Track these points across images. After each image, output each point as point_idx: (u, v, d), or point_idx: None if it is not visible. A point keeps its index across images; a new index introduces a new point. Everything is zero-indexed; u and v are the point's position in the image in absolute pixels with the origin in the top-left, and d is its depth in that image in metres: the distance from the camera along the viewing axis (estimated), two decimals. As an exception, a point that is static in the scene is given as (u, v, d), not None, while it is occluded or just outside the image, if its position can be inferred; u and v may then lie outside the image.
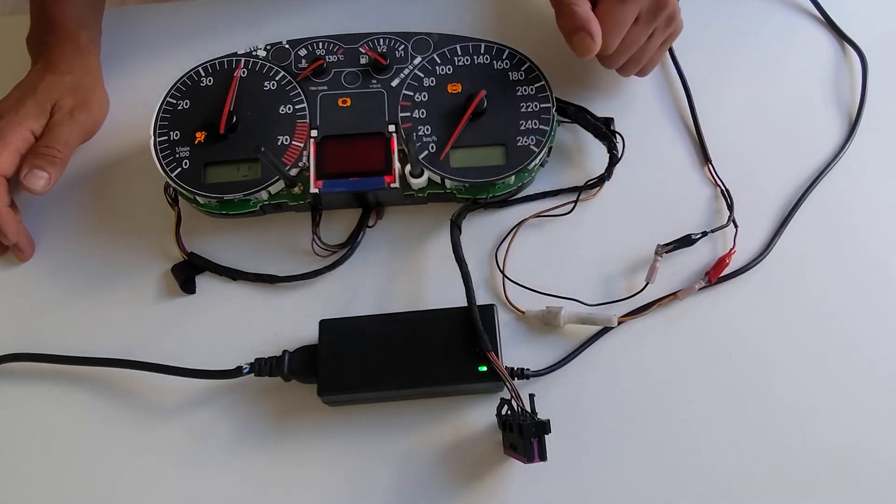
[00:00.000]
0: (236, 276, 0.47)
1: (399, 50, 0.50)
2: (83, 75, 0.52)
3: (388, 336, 0.42)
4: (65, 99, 0.50)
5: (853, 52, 0.53)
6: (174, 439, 0.43)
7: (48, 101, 0.49)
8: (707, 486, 0.41)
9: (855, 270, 0.46)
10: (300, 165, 0.47)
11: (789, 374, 0.43)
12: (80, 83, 0.51)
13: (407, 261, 0.48)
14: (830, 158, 0.49)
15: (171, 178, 0.46)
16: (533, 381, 0.43)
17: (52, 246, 0.49)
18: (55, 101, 0.49)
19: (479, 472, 0.41)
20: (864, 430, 0.42)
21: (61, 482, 0.43)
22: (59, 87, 0.50)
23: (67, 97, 0.50)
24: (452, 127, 0.47)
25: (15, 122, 0.48)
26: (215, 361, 0.43)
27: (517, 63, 0.49)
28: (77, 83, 0.51)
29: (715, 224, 0.47)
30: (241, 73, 0.49)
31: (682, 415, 0.43)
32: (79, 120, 0.50)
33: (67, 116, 0.49)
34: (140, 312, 0.47)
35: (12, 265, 0.49)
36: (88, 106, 0.51)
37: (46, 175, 0.47)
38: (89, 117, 0.51)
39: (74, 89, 0.50)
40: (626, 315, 0.45)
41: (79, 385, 0.45)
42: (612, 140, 0.48)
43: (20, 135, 0.48)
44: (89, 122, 0.51)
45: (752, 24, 0.55)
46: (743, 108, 0.52)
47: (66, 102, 0.50)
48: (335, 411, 0.43)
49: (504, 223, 0.48)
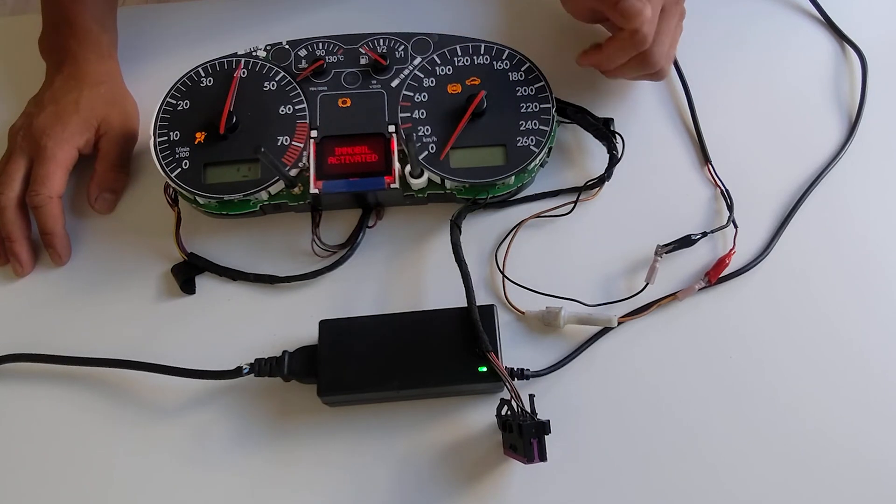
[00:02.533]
0: (236, 276, 0.47)
1: (399, 50, 0.50)
2: (113, 84, 0.52)
3: (388, 336, 0.42)
4: (111, 115, 0.50)
5: (853, 53, 0.53)
6: (174, 439, 0.43)
7: (93, 118, 0.49)
8: (707, 486, 0.41)
9: (855, 271, 0.46)
10: (300, 166, 0.47)
11: (789, 374, 0.43)
12: (114, 94, 0.52)
13: (407, 261, 0.48)
14: (830, 158, 0.49)
15: (171, 179, 0.46)
16: (533, 381, 0.43)
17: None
18: (101, 118, 0.50)
19: (479, 473, 0.42)
20: (865, 430, 0.42)
21: (61, 482, 0.43)
22: (99, 101, 0.50)
23: (112, 113, 0.50)
24: (452, 127, 0.47)
25: (63, 141, 0.48)
26: (215, 361, 0.43)
27: (517, 63, 0.49)
28: (112, 94, 0.51)
29: (715, 224, 0.47)
30: (241, 74, 0.49)
31: (681, 415, 0.43)
32: (128, 134, 0.51)
33: (119, 133, 0.50)
34: (140, 312, 0.47)
35: (12, 265, 0.49)
36: (130, 117, 0.52)
37: (115, 198, 0.50)
38: (135, 128, 0.52)
39: (113, 101, 0.51)
40: (625, 315, 0.45)
41: (79, 385, 0.45)
42: (612, 140, 0.48)
43: (69, 154, 0.48)
44: (135, 132, 0.52)
45: (751, 24, 0.55)
46: (743, 109, 0.52)
47: (113, 119, 0.50)
48: (335, 411, 0.43)
49: (504, 223, 0.48)
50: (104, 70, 0.52)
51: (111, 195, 0.50)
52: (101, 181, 0.49)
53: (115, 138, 0.50)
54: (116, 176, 0.50)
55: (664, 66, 0.47)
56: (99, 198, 0.49)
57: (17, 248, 0.47)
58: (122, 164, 0.50)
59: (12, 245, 0.47)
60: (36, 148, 0.48)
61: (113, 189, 0.50)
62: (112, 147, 0.50)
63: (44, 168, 0.47)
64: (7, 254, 0.48)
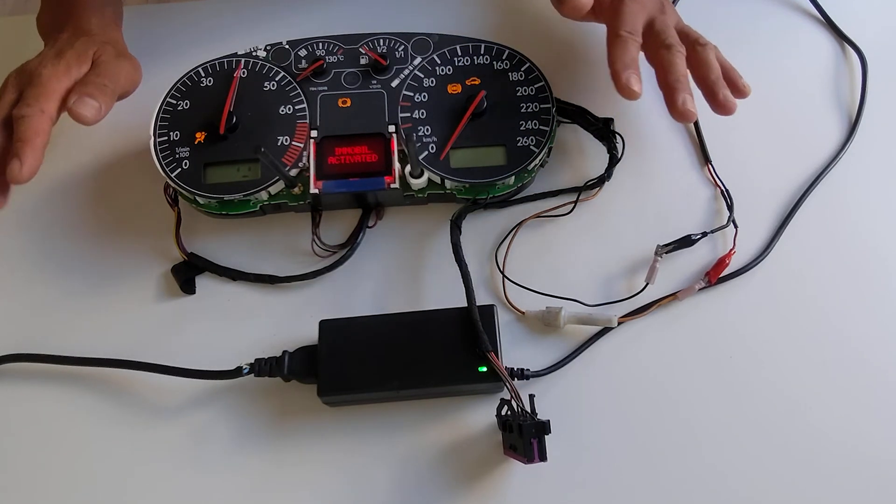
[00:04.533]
0: (236, 276, 0.47)
1: (399, 50, 0.50)
2: (115, 42, 0.50)
3: (388, 336, 0.42)
4: (106, 49, 0.47)
5: (853, 52, 0.53)
6: (174, 440, 0.43)
7: (89, 50, 0.46)
8: (707, 486, 0.41)
9: (855, 271, 0.46)
10: (300, 166, 0.47)
11: (789, 374, 0.43)
12: (115, 44, 0.49)
13: (407, 261, 0.48)
14: (830, 158, 0.49)
15: (171, 179, 0.46)
16: (533, 381, 0.43)
17: (53, 246, 0.49)
18: (96, 49, 0.47)
19: (479, 473, 0.42)
20: (865, 430, 0.42)
21: (61, 482, 0.43)
22: (96, 42, 0.47)
23: (108, 48, 0.47)
24: (452, 127, 0.47)
25: (59, 73, 0.44)
26: (215, 361, 0.43)
27: (517, 63, 0.49)
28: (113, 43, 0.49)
29: (715, 224, 0.47)
30: (241, 74, 0.49)
31: (681, 415, 0.43)
32: (123, 64, 0.47)
33: (113, 58, 0.47)
34: (140, 312, 0.47)
35: (12, 265, 0.49)
36: (129, 58, 0.49)
37: (97, 104, 0.43)
38: (133, 67, 0.49)
39: (112, 44, 0.48)
40: (625, 315, 0.45)
41: (79, 385, 0.45)
42: (612, 140, 0.48)
43: (64, 84, 0.44)
44: (133, 72, 0.49)
45: (751, 24, 0.55)
46: (743, 108, 0.51)
47: (108, 50, 0.47)
48: (335, 411, 0.43)
49: (504, 223, 0.48)
50: (108, 34, 0.49)
51: (92, 101, 0.43)
52: (83, 84, 0.44)
53: (108, 60, 0.46)
54: (102, 88, 0.44)
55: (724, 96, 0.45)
56: (78, 101, 0.43)
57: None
58: (111, 78, 0.45)
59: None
60: (29, 77, 0.44)
61: (93, 94, 0.43)
62: (103, 63, 0.46)
63: (38, 87, 0.43)
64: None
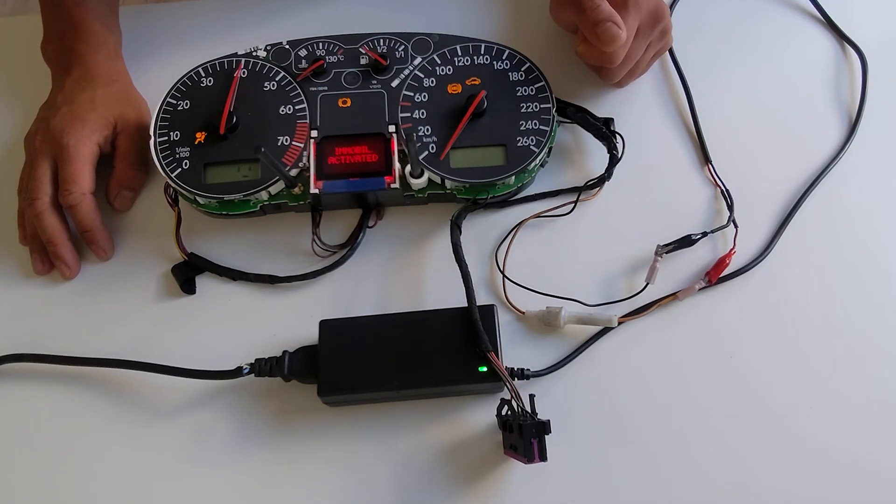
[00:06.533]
0: (236, 276, 0.47)
1: (399, 50, 0.50)
2: (123, 83, 0.52)
3: (388, 336, 0.42)
4: (126, 112, 0.50)
5: (853, 52, 0.53)
6: (174, 439, 0.43)
7: (110, 115, 0.49)
8: (707, 486, 0.41)
9: (855, 271, 0.46)
10: (300, 166, 0.47)
11: (789, 374, 0.43)
12: (127, 92, 0.52)
13: (407, 261, 0.48)
14: (830, 158, 0.49)
15: (171, 179, 0.46)
16: (533, 381, 0.43)
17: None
18: (117, 115, 0.50)
19: (479, 473, 0.42)
20: (864, 431, 0.42)
21: (61, 482, 0.43)
22: (113, 100, 0.50)
23: (127, 110, 0.50)
24: (452, 127, 0.47)
25: (84, 138, 0.48)
26: (215, 361, 0.43)
27: (517, 63, 0.49)
28: (125, 93, 0.52)
29: (715, 224, 0.47)
30: (241, 74, 0.49)
31: (681, 415, 0.43)
32: (144, 132, 0.50)
33: (135, 131, 0.50)
34: (140, 312, 0.47)
35: (12, 265, 0.49)
36: (144, 115, 0.52)
37: (132, 195, 0.50)
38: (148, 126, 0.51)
39: (126, 99, 0.51)
40: (626, 315, 0.45)
41: (79, 385, 0.45)
42: (612, 140, 0.48)
43: (92, 150, 0.48)
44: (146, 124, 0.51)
45: (751, 24, 0.55)
46: (743, 109, 0.52)
47: (129, 116, 0.50)
48: (335, 411, 0.43)
49: (504, 223, 0.48)
50: (114, 70, 0.52)
51: (130, 192, 0.50)
52: (120, 179, 0.49)
53: (132, 136, 0.50)
54: (136, 174, 0.50)
55: (622, 82, 0.51)
56: (119, 195, 0.49)
57: (62, 251, 0.47)
58: (141, 162, 0.50)
59: (56, 249, 0.47)
60: (58, 148, 0.47)
61: (132, 186, 0.50)
62: (130, 144, 0.50)
63: (71, 166, 0.47)
64: (52, 258, 0.48)
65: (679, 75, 0.52)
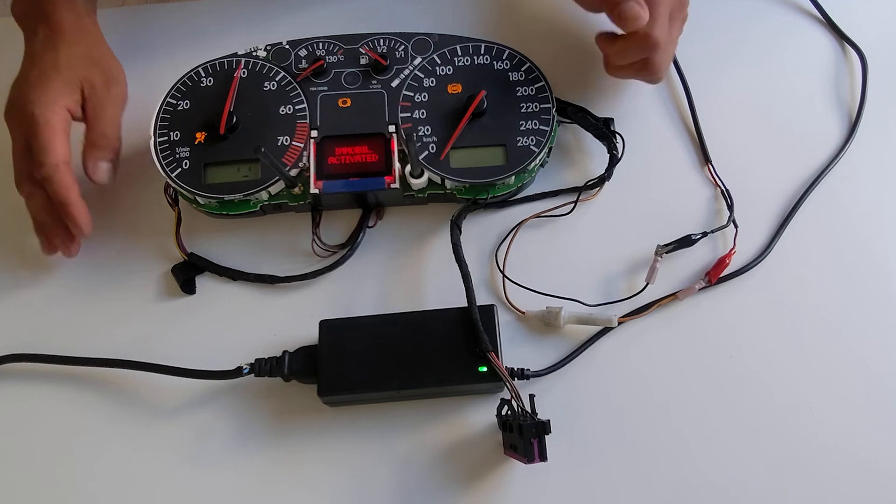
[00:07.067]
0: (236, 276, 0.47)
1: (399, 50, 0.50)
2: (92, 43, 0.50)
3: (388, 336, 0.42)
4: (93, 75, 0.47)
5: (853, 52, 0.53)
6: (174, 439, 0.43)
7: (75, 78, 0.46)
8: (706, 486, 0.41)
9: (855, 271, 0.46)
10: (300, 166, 0.47)
11: (789, 374, 0.43)
12: (94, 52, 0.49)
13: (407, 261, 0.48)
14: (830, 158, 0.49)
15: (171, 179, 0.46)
16: (533, 381, 0.43)
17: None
18: (83, 78, 0.47)
19: (479, 473, 0.42)
20: (864, 431, 0.42)
21: (61, 482, 0.43)
22: (79, 61, 0.47)
23: (94, 73, 0.47)
24: (452, 127, 0.47)
25: (49, 103, 0.45)
26: (215, 361, 0.43)
27: (517, 63, 0.49)
28: (91, 53, 0.49)
29: (715, 224, 0.47)
30: (241, 74, 0.49)
31: (681, 415, 0.43)
32: (115, 95, 0.48)
33: (104, 93, 0.47)
34: (140, 312, 0.47)
35: (12, 265, 0.49)
36: (115, 77, 0.49)
37: (109, 165, 0.47)
38: (120, 89, 0.49)
39: (93, 61, 0.48)
40: (626, 315, 0.45)
41: (79, 385, 0.45)
42: (612, 140, 0.48)
43: (60, 116, 0.45)
44: (122, 94, 0.49)
45: (751, 24, 0.55)
46: (743, 108, 0.52)
47: (96, 80, 0.47)
48: (335, 411, 0.43)
49: (504, 223, 0.48)
50: (80, 28, 0.49)
51: (106, 163, 0.46)
52: (93, 148, 0.46)
53: (101, 100, 0.47)
54: (107, 141, 0.47)
55: (664, 73, 0.47)
56: (94, 167, 0.46)
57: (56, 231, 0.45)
58: (112, 127, 0.47)
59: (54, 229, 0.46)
60: (25, 119, 0.45)
61: (106, 156, 0.46)
62: (99, 109, 0.47)
63: (39, 138, 0.44)
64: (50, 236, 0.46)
65: (679, 75, 0.52)
